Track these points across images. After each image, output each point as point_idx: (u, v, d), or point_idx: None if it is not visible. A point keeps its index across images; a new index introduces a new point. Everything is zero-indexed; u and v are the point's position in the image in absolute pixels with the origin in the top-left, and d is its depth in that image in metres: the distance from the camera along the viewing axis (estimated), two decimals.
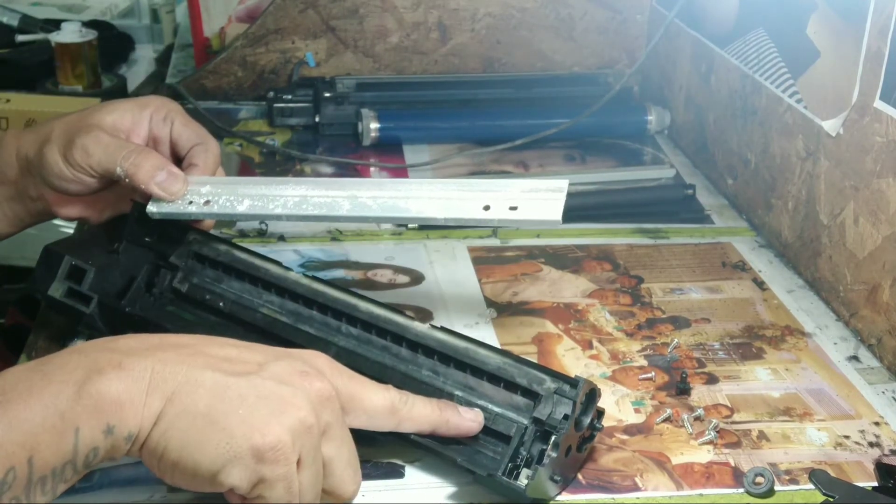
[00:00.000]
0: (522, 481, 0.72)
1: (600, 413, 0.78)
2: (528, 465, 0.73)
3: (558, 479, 0.74)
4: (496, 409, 0.77)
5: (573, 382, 0.75)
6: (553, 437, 0.73)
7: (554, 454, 0.73)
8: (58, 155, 0.86)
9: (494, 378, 0.78)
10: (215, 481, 0.64)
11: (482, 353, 0.79)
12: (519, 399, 0.77)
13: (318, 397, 0.67)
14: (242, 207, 0.83)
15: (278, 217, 0.83)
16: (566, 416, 0.74)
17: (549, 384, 0.76)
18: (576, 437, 0.76)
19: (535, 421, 0.74)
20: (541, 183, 0.79)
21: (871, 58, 0.93)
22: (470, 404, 0.77)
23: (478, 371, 0.78)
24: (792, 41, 1.08)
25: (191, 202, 0.85)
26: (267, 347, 0.71)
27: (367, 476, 0.77)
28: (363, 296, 0.85)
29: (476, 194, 0.79)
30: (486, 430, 0.76)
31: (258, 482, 0.65)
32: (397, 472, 0.78)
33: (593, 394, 0.77)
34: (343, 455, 0.69)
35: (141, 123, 0.90)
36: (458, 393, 0.78)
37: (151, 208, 0.85)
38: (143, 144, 0.89)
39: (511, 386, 0.77)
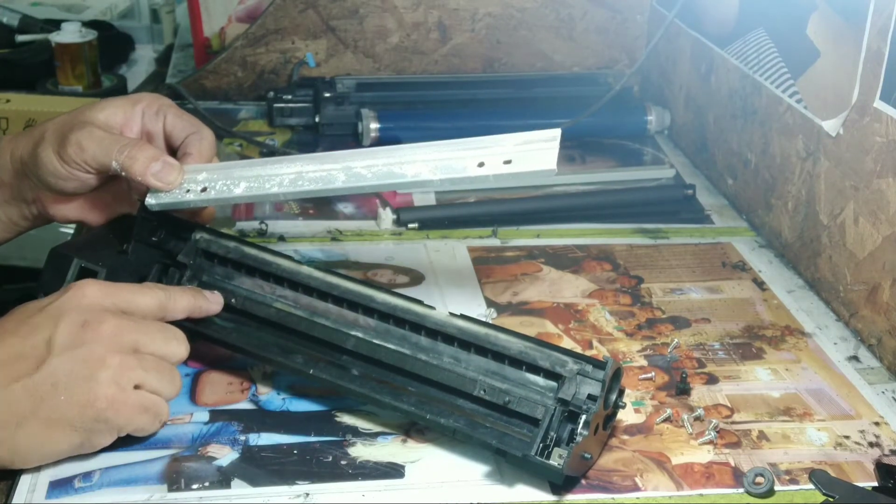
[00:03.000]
0: (556, 461, 0.74)
1: (621, 391, 0.79)
2: (557, 445, 0.75)
3: (588, 456, 0.76)
4: (520, 391, 0.78)
5: (595, 363, 0.77)
6: (583, 417, 0.75)
7: (585, 433, 0.75)
8: (52, 153, 0.85)
9: (516, 362, 0.79)
10: (88, 451, 0.76)
11: (503, 337, 0.80)
12: (541, 381, 0.78)
13: (109, 336, 0.75)
14: (239, 190, 0.82)
15: (276, 196, 0.82)
16: (591, 396, 0.76)
17: (572, 365, 0.77)
18: (602, 416, 0.77)
19: (561, 402, 0.76)
20: (533, 135, 0.78)
21: (871, 58, 0.93)
22: (493, 389, 0.78)
23: (499, 356, 0.80)
24: (792, 41, 1.08)
25: (188, 190, 0.84)
26: (33, 308, 0.77)
27: (367, 476, 0.77)
28: (379, 286, 0.85)
29: (470, 152, 0.77)
30: (512, 413, 0.78)
31: (122, 428, 0.75)
32: (397, 472, 0.78)
33: (618, 373, 0.79)
34: (155, 353, 0.78)
35: (133, 119, 0.89)
36: (480, 378, 0.79)
37: (150, 200, 0.85)
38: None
39: (533, 369, 0.79)
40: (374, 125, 1.36)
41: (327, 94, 1.40)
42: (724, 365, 0.93)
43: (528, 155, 0.76)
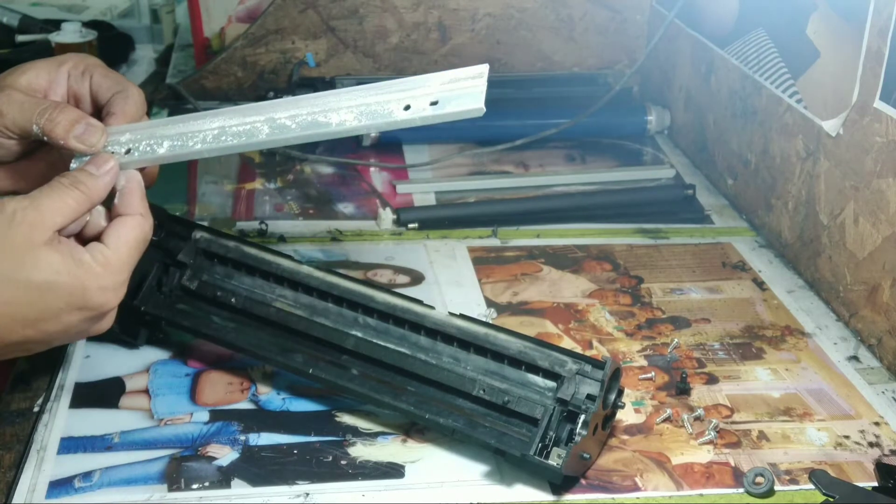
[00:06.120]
0: (555, 460, 0.74)
1: (621, 391, 0.80)
2: (556, 445, 0.75)
3: (587, 456, 0.76)
4: (519, 391, 0.78)
5: (594, 363, 0.77)
6: (582, 417, 0.75)
7: (584, 432, 0.75)
8: None
9: (515, 362, 0.79)
10: None
11: (502, 337, 0.80)
12: (541, 381, 0.78)
13: None
14: (163, 150, 0.79)
15: (199, 153, 0.79)
16: (590, 396, 0.76)
17: (571, 365, 0.78)
18: (601, 415, 0.77)
19: (560, 401, 0.76)
20: (460, 72, 0.75)
21: (871, 58, 0.93)
22: (492, 388, 0.79)
23: (499, 356, 0.80)
24: (792, 41, 1.08)
25: (112, 153, 0.80)
26: None
27: (367, 476, 0.77)
28: (379, 286, 0.85)
29: (395, 95, 0.74)
30: (511, 413, 0.78)
31: None
32: (397, 472, 0.78)
33: (617, 373, 0.79)
34: None
35: (58, 81, 0.86)
36: (480, 378, 0.79)
37: (74, 165, 0.81)
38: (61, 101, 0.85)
39: (533, 368, 0.79)
40: None
41: None
42: (724, 365, 0.93)
43: (454, 95, 0.73)
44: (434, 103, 0.72)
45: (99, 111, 0.86)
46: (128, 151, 0.80)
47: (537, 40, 1.51)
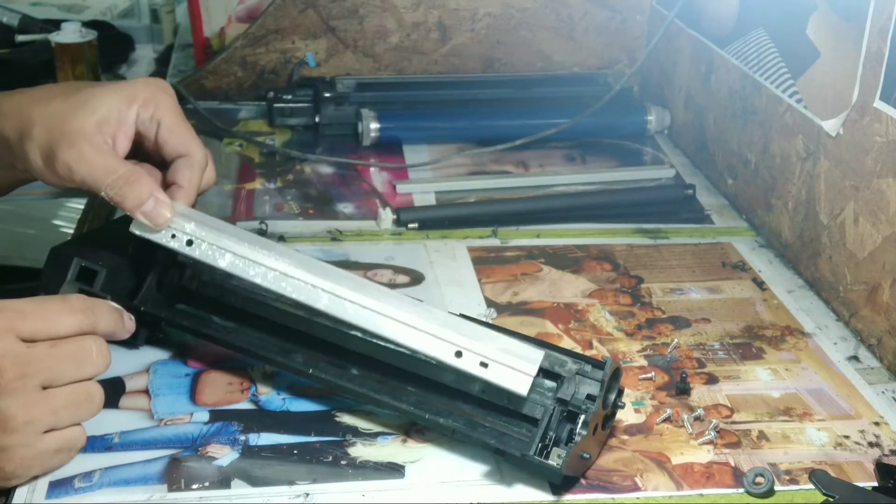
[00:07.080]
0: (554, 461, 0.74)
1: (621, 391, 0.79)
2: (556, 445, 0.75)
3: (587, 456, 0.76)
4: None
5: (594, 363, 0.77)
6: (582, 417, 0.75)
7: (584, 432, 0.75)
8: (39, 160, 0.83)
9: None
10: None
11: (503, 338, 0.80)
12: (540, 381, 0.78)
13: (12, 382, 0.69)
14: (223, 262, 0.82)
15: (255, 284, 0.83)
16: (590, 396, 0.76)
17: (571, 365, 0.77)
18: (601, 415, 0.77)
19: (560, 401, 0.76)
20: (518, 347, 0.77)
21: (871, 58, 0.93)
22: (492, 388, 0.78)
23: None
24: (792, 41, 1.08)
25: (174, 236, 0.83)
26: None
27: (367, 476, 0.77)
28: (378, 286, 0.85)
29: (453, 336, 0.77)
30: (511, 413, 0.78)
31: (35, 474, 0.74)
32: (397, 472, 0.78)
33: (617, 372, 0.79)
34: (68, 383, 0.73)
35: (127, 122, 0.86)
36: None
37: (135, 230, 0.84)
38: (129, 143, 0.86)
39: None
40: (374, 125, 1.36)
41: (327, 94, 1.40)
42: (724, 365, 0.93)
43: (505, 367, 0.76)
44: (484, 365, 0.76)
45: (162, 160, 0.87)
46: (189, 243, 0.83)
47: (537, 40, 1.51)
